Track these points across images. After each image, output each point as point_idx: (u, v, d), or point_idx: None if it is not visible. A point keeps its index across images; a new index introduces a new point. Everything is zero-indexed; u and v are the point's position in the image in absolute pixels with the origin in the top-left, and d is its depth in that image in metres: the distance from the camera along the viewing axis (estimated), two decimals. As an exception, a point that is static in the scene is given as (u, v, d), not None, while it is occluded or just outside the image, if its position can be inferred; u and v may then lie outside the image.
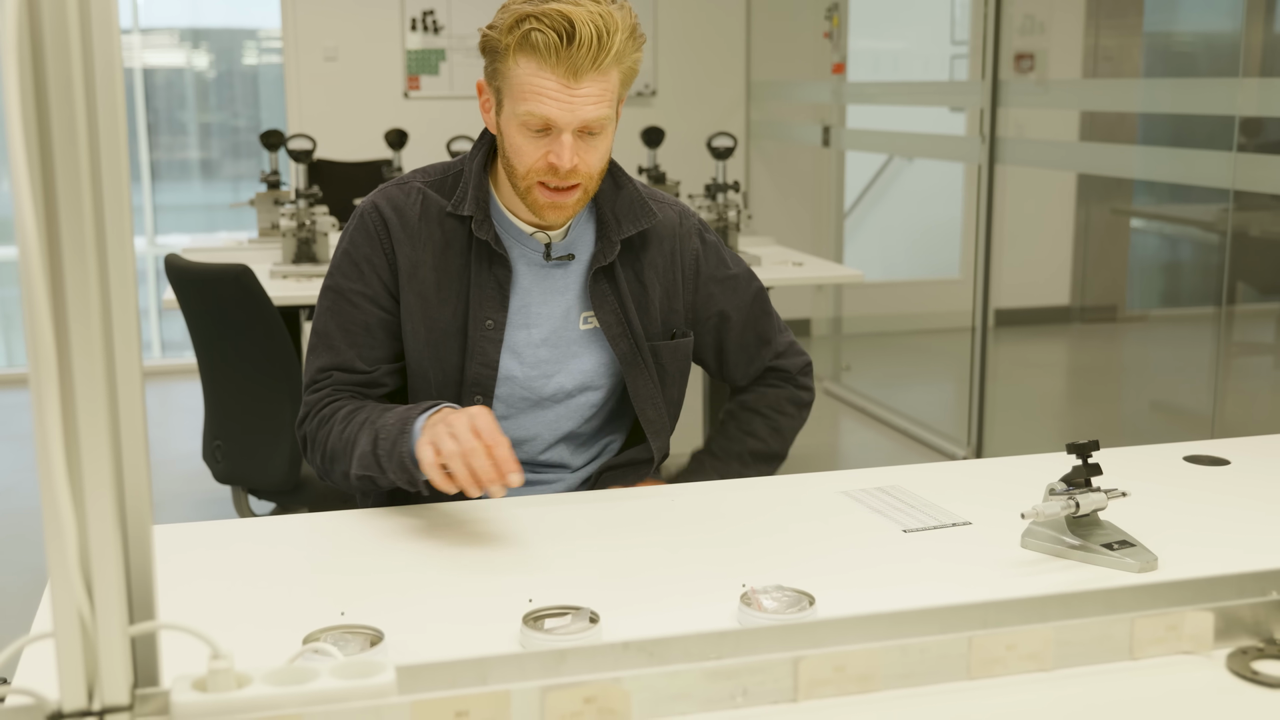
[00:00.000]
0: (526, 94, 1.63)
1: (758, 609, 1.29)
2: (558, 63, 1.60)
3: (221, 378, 2.86)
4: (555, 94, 1.62)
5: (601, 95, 1.64)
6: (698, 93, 6.53)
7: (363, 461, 1.64)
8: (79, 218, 0.80)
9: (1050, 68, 5.84)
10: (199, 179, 6.99)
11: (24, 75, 0.78)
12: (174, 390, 5.91)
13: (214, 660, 0.88)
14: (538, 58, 1.61)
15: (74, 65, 0.79)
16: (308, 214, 3.62)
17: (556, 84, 1.61)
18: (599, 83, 1.63)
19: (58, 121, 0.79)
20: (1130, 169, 4.55)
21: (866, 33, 6.51)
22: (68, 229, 0.80)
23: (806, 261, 4.01)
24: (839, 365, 5.96)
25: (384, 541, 1.56)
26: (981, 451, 4.65)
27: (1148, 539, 1.49)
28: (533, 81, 1.62)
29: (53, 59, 0.79)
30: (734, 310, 1.89)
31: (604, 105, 1.65)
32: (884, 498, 1.70)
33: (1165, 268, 6.79)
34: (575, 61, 1.60)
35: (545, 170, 1.67)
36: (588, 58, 1.60)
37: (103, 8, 0.84)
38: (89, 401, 0.81)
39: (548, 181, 1.68)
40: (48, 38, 0.78)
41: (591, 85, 1.62)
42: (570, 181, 1.68)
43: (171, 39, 6.73)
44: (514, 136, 1.67)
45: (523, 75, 1.63)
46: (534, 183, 1.69)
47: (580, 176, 1.68)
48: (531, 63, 1.62)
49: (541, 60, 1.61)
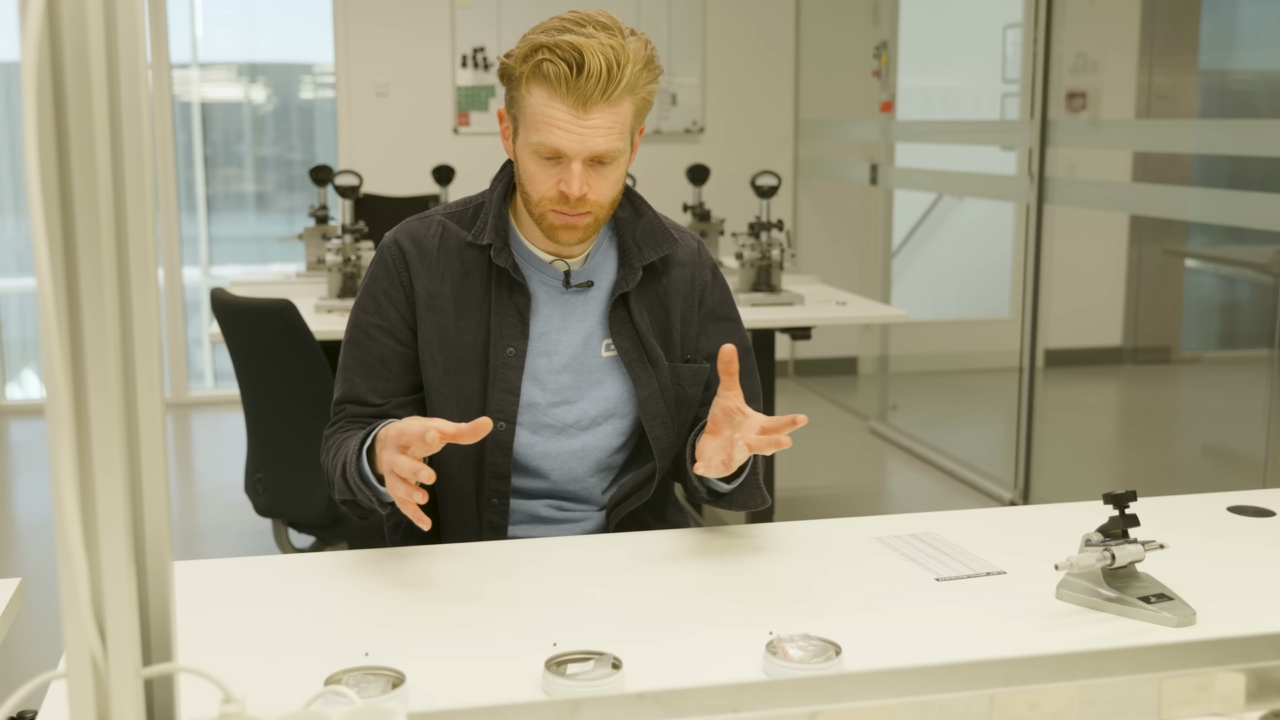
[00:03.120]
0: (538, 123, 1.66)
1: (783, 658, 1.28)
2: (567, 93, 1.63)
3: (264, 411, 2.88)
4: (565, 124, 1.64)
5: (612, 126, 1.66)
6: (746, 130, 6.54)
7: (339, 487, 1.69)
8: (96, 250, 0.80)
9: (1103, 107, 5.80)
10: (254, 211, 7.09)
11: (43, 107, 0.79)
12: (225, 420, 5.97)
13: (225, 704, 0.88)
14: (549, 88, 1.64)
15: (95, 97, 0.80)
16: (353, 249, 3.65)
17: (567, 114, 1.64)
18: (609, 114, 1.65)
19: (77, 155, 0.80)
20: (1184, 211, 4.50)
21: (916, 70, 6.50)
22: (85, 261, 0.80)
23: (850, 301, 3.99)
24: (885, 404, 5.92)
25: (413, 580, 1.56)
26: (1029, 495, 4.59)
27: (1187, 592, 1.46)
28: (544, 111, 1.65)
29: (73, 91, 0.80)
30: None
31: (614, 137, 1.66)
32: (918, 544, 1.68)
33: (1221, 309, 6.69)
34: (584, 92, 1.62)
35: (556, 199, 1.69)
36: (597, 89, 1.62)
37: (130, 38, 0.85)
38: (104, 439, 0.82)
39: (559, 209, 1.70)
40: (69, 68, 0.79)
41: (601, 116, 1.64)
42: (580, 209, 1.70)
43: (229, 73, 6.84)
44: (527, 164, 1.70)
45: (535, 105, 1.66)
46: (547, 209, 1.71)
47: (590, 205, 1.70)
48: (543, 92, 1.65)
49: (552, 90, 1.64)
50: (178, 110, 6.51)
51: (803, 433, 5.73)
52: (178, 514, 4.64)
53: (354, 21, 6.12)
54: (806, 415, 1.49)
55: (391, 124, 6.20)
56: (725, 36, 6.45)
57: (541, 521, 1.83)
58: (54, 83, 0.79)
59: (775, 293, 3.85)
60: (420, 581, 1.56)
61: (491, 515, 1.79)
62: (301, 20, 6.92)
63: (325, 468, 1.76)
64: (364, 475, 1.63)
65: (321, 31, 6.34)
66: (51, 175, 0.79)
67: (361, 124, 6.19)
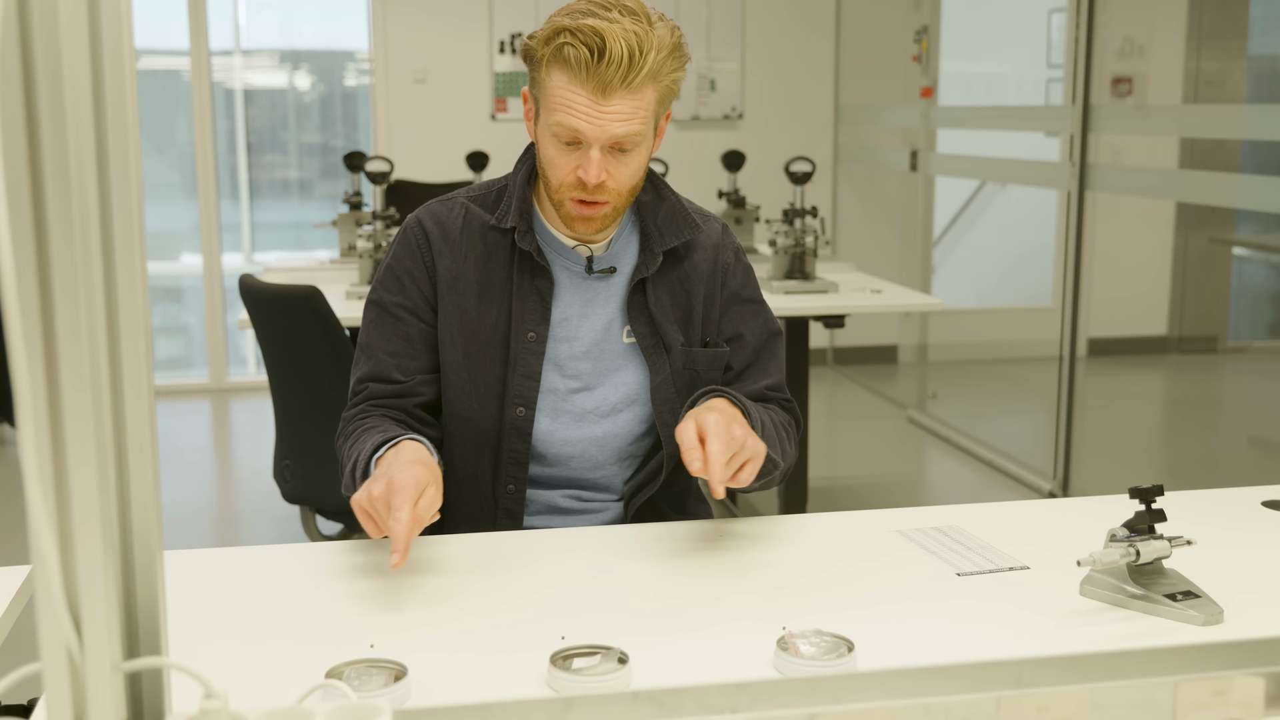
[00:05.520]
0: (557, 106, 1.64)
1: (794, 654, 1.25)
2: (588, 78, 1.61)
3: (291, 398, 2.88)
4: (584, 109, 1.62)
5: (633, 113, 1.63)
6: (786, 116, 6.48)
7: (345, 483, 1.68)
8: (69, 231, 0.79)
9: (1150, 92, 5.70)
10: (297, 198, 7.11)
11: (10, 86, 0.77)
12: (265, 406, 5.98)
13: (207, 700, 0.86)
14: (569, 71, 1.62)
15: (67, 76, 0.78)
16: (384, 235, 3.64)
17: (586, 99, 1.62)
18: (630, 100, 1.63)
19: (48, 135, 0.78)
20: (1232, 198, 4.41)
21: (958, 56, 6.42)
22: (57, 242, 0.78)
23: (886, 288, 3.94)
24: (924, 393, 5.85)
25: (426, 570, 1.54)
26: (1069, 487, 4.52)
27: (1215, 589, 1.42)
28: (563, 94, 1.63)
29: (43, 69, 0.78)
30: (750, 335, 1.84)
31: (635, 123, 1.64)
32: (940, 538, 1.65)
33: (1271, 298, 6.57)
34: (604, 78, 1.60)
35: (575, 185, 1.67)
36: (617, 75, 1.60)
37: (113, 19, 0.83)
38: (78, 426, 0.80)
39: (577, 195, 1.68)
40: (38, 47, 0.77)
41: (622, 103, 1.62)
42: (599, 197, 1.67)
43: (272, 60, 6.86)
44: (547, 148, 1.69)
45: (555, 87, 1.64)
46: (565, 196, 1.69)
47: (608, 193, 1.68)
48: (563, 76, 1.63)
49: (572, 74, 1.62)
50: (220, 96, 6.54)
51: (841, 422, 5.71)
52: (215, 499, 4.66)
53: (392, 7, 6.12)
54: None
55: (429, 110, 6.19)
56: (765, 21, 6.39)
57: (559, 512, 1.80)
58: (22, 60, 0.77)
59: (809, 280, 3.80)
60: (432, 572, 1.54)
61: (508, 502, 1.77)
62: (341, 7, 6.93)
63: (339, 453, 1.74)
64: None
65: (360, 18, 6.34)
66: (20, 161, 0.77)
67: (400, 110, 6.19)
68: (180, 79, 6.34)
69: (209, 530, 4.28)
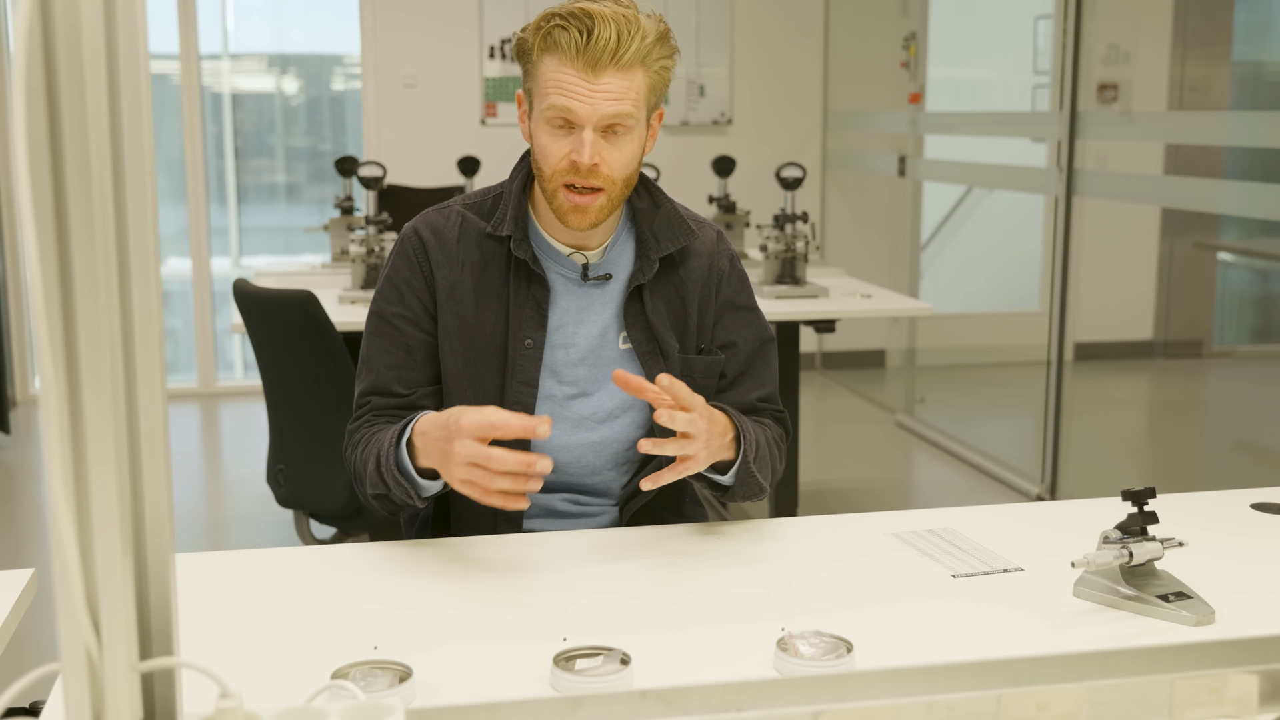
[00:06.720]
0: (549, 89, 1.67)
1: (794, 654, 1.27)
2: (578, 57, 1.64)
3: (285, 402, 2.89)
4: (575, 87, 1.65)
5: (624, 92, 1.66)
6: (774, 122, 6.50)
7: (373, 481, 1.68)
8: (90, 238, 0.80)
9: (1135, 99, 5.74)
10: (285, 202, 7.11)
11: (34, 94, 0.78)
12: (254, 411, 5.99)
13: (222, 699, 0.87)
14: (559, 54, 1.65)
15: (89, 84, 0.80)
16: (377, 240, 3.65)
17: (577, 78, 1.65)
18: (621, 79, 1.65)
19: (70, 144, 0.80)
20: (1217, 204, 4.44)
21: (946, 62, 6.45)
22: (79, 249, 0.80)
23: (875, 293, 3.96)
24: (913, 398, 5.88)
25: (427, 572, 1.55)
26: (1056, 490, 4.55)
27: (1207, 590, 1.44)
28: (555, 76, 1.66)
29: (66, 77, 0.79)
30: (743, 342, 1.86)
31: (626, 103, 1.66)
32: (935, 540, 1.66)
33: (1255, 303, 6.62)
34: (594, 54, 1.63)
35: (569, 170, 1.68)
36: (607, 52, 1.63)
37: (129, 27, 0.84)
38: (99, 429, 0.81)
39: (572, 183, 1.69)
40: (61, 56, 0.79)
41: (612, 81, 1.65)
42: (592, 182, 1.69)
43: (260, 64, 6.86)
44: (540, 136, 1.71)
45: (546, 72, 1.67)
46: (559, 185, 1.70)
47: (602, 179, 1.69)
48: (554, 59, 1.66)
49: (563, 56, 1.65)
50: (209, 101, 6.54)
51: (830, 426, 5.73)
52: (204, 504, 4.66)
53: (382, 12, 6.13)
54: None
55: (420, 115, 6.20)
56: (754, 27, 6.41)
57: (557, 516, 1.82)
58: (46, 71, 0.78)
59: (799, 285, 3.82)
60: (434, 574, 1.55)
61: (507, 507, 1.78)
62: (330, 11, 6.93)
63: (352, 463, 1.75)
64: (403, 468, 1.62)
65: (350, 22, 6.35)
66: (44, 168, 0.79)
67: (389, 115, 6.20)
68: (169, 83, 6.33)
69: (198, 535, 4.28)
